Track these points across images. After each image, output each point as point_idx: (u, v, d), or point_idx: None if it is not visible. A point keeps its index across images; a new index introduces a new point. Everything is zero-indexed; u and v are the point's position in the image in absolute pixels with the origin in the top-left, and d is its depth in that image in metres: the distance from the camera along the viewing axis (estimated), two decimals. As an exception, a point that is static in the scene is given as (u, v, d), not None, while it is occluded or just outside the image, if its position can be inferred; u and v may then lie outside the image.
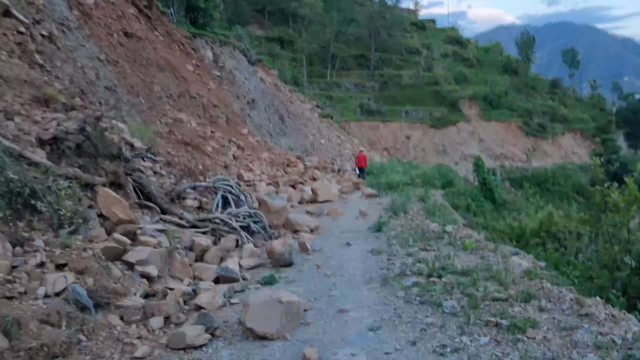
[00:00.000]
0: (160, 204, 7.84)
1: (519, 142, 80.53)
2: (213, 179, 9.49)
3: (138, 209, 7.52)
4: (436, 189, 20.62)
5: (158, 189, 8.04)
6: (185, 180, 9.97)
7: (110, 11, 20.35)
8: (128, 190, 7.44)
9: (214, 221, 8.11)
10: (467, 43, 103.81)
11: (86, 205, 6.58)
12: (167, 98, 21.00)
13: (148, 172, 8.71)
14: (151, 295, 5.57)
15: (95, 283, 5.07)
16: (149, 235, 6.47)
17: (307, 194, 16.58)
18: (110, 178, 7.20)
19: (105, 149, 7.27)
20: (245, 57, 47.55)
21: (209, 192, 9.29)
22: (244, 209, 8.75)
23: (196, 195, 8.97)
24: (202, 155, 17.40)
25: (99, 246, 5.85)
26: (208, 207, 8.82)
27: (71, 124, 7.05)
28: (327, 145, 49.16)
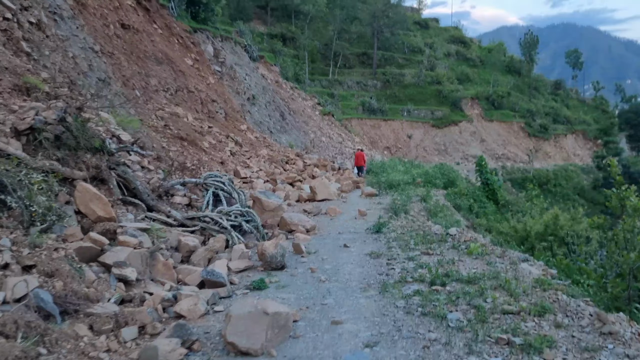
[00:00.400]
0: (146, 200, 7.35)
1: (521, 143, 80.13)
2: (204, 175, 8.99)
3: (122, 206, 7.04)
4: (438, 189, 20.15)
5: (144, 184, 7.55)
6: (176, 176, 9.48)
7: (106, 2, 19.87)
8: (111, 185, 6.95)
9: (203, 220, 7.61)
10: (470, 43, 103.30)
11: (63, 202, 6.09)
12: (164, 92, 20.51)
13: (135, 166, 8.22)
14: (127, 301, 5.07)
15: (64, 287, 4.57)
16: (129, 235, 5.98)
17: (306, 192, 16.10)
18: (92, 172, 6.71)
19: (87, 141, 6.78)
20: (246, 53, 47.16)
21: (199, 188, 8.80)
22: (236, 207, 8.25)
23: (186, 192, 8.47)
24: (197, 150, 16.93)
25: (73, 246, 5.37)
26: (198, 205, 8.33)
27: (50, 113, 6.56)
28: (328, 143, 48.75)
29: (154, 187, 7.81)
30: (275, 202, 9.71)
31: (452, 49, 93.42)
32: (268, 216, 9.57)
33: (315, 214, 12.08)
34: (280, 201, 9.98)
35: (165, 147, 16.10)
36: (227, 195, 8.59)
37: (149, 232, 6.42)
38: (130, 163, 8.16)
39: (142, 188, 7.35)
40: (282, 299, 5.61)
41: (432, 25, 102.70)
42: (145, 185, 7.57)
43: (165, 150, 15.98)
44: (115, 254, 5.52)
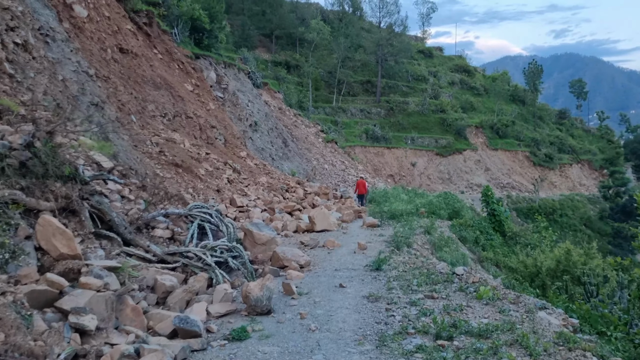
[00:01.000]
0: (123, 234, 6.69)
1: (526, 172, 79.50)
2: (189, 206, 8.32)
3: (95, 240, 6.36)
4: (442, 220, 19.43)
5: (122, 216, 6.89)
6: (163, 206, 8.82)
7: (105, 26, 19.51)
8: (83, 217, 6.29)
9: (185, 255, 6.93)
10: (475, 71, 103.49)
11: (22, 236, 5.43)
12: (161, 117, 20.01)
13: (114, 196, 7.56)
14: (81, 356, 4.36)
15: (5, 341, 3.89)
16: (94, 275, 5.29)
17: (304, 223, 15.41)
18: (61, 203, 6.07)
19: (57, 169, 6.15)
20: (250, 79, 47.09)
21: (183, 220, 8.13)
22: (222, 241, 7.57)
23: (168, 224, 7.81)
24: (193, 177, 16.32)
25: (26, 289, 4.68)
26: (181, 238, 7.65)
27: (17, 138, 5.96)
28: (331, 171, 48.25)
29: (132, 218, 7.15)
30: (267, 235, 9.02)
31: (456, 77, 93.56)
32: (259, 250, 8.89)
33: (312, 247, 11.37)
34: (273, 234, 9.29)
35: (159, 174, 15.51)
36: (214, 227, 7.92)
37: (120, 270, 5.73)
38: (109, 192, 7.51)
39: (118, 220, 6.69)
40: (263, 354, 4.88)
41: (436, 54, 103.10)
42: (123, 217, 6.91)
43: (158, 177, 15.39)
44: (74, 298, 4.82)
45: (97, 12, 19.12)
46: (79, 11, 17.78)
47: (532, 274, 12.99)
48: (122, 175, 8.88)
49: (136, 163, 14.86)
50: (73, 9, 17.52)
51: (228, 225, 8.16)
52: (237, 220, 15.32)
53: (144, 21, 25.12)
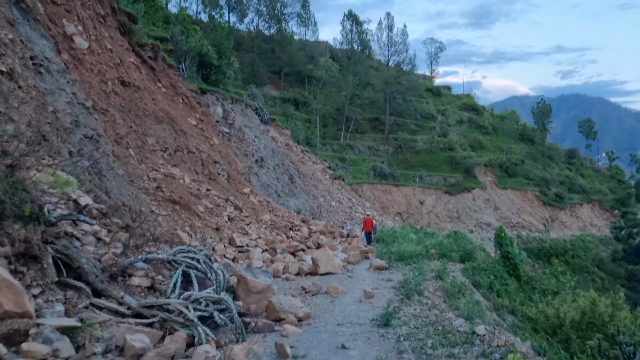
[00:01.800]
0: (93, 283, 5.81)
1: (536, 212, 78.22)
2: (173, 250, 7.41)
3: (58, 291, 5.49)
4: (454, 262, 18.40)
5: (92, 262, 6.02)
6: (148, 249, 7.94)
7: (106, 58, 19.04)
8: (45, 264, 5.43)
9: (165, 308, 6.03)
10: (483, 110, 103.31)
11: (-36, 289, 4.60)
12: (162, 151, 19.33)
13: (88, 238, 6.70)
14: None
15: None
16: (43, 339, 4.39)
17: (307, 265, 14.46)
18: (18, 247, 5.23)
19: (17, 208, 5.33)
20: (258, 115, 46.81)
21: (166, 267, 7.24)
22: (209, 291, 6.65)
23: (149, 272, 6.92)
24: (190, 215, 15.48)
25: (-48, 359, 3.82)
26: (163, 288, 6.75)
27: (-29, 172, 5.16)
28: (338, 208, 47.38)
29: (106, 265, 6.26)
30: (263, 283, 8.10)
31: (464, 116, 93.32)
32: (254, 299, 7.96)
33: (314, 294, 10.39)
34: (269, 281, 8.35)
35: (155, 211, 14.69)
36: (201, 275, 7.03)
37: (79, 330, 4.85)
38: (82, 234, 6.66)
39: (88, 267, 5.82)
40: None
41: (444, 93, 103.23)
42: (94, 264, 6.04)
43: (153, 214, 14.57)
44: (13, 369, 3.94)
45: (98, 44, 18.68)
46: (80, 43, 17.32)
47: (554, 325, 11.91)
48: (102, 214, 8.03)
49: (130, 199, 14.07)
50: (73, 40, 17.06)
51: (218, 272, 7.25)
52: (235, 262, 14.40)
53: (149, 55, 24.76)
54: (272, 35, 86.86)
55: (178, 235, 14.02)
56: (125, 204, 13.63)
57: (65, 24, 16.99)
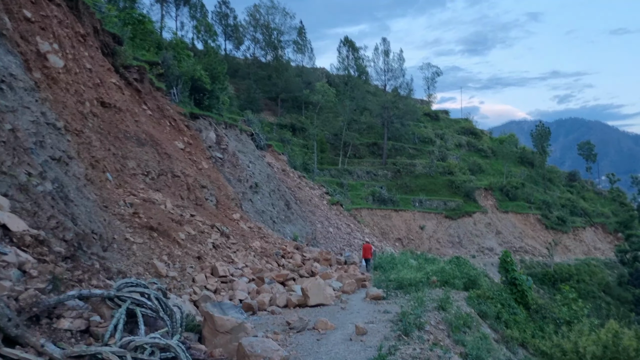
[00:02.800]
0: (5, 328, 4.61)
1: (539, 236, 76.83)
2: (117, 283, 6.12)
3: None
4: (457, 290, 17.07)
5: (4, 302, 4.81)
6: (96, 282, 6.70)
7: (85, 78, 18.02)
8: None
9: (99, 358, 4.80)
10: (482, 134, 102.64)
11: None
12: (143, 175, 18.17)
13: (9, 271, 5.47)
14: None
15: None
16: None
17: (296, 296, 13.17)
18: None
19: None
20: (254, 141, 45.96)
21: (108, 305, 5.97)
22: (155, 335, 5.40)
23: (84, 312, 5.66)
24: (169, 242, 14.24)
25: None
26: (101, 332, 5.50)
27: None
28: (336, 234, 46.09)
29: (25, 304, 5.03)
30: (233, 321, 6.84)
31: (462, 140, 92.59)
32: (222, 341, 6.70)
33: (299, 330, 9.11)
34: (241, 318, 7.07)
35: (129, 239, 13.48)
36: (152, 314, 5.80)
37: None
38: (4, 266, 5.47)
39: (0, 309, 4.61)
40: None
41: (442, 117, 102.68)
42: (9, 303, 4.83)
43: (127, 242, 13.35)
44: None
45: (76, 64, 17.68)
46: (54, 61, 16.32)
47: (572, 361, 10.60)
48: (39, 242, 6.81)
49: (101, 226, 12.86)
50: (47, 59, 16.06)
51: (173, 309, 6.02)
52: (217, 293, 13.12)
53: (135, 77, 23.83)
54: (269, 62, 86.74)
55: (154, 264, 12.79)
56: (94, 231, 12.43)
57: (39, 42, 16.01)
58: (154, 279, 8.49)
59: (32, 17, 16.09)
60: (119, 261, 12.38)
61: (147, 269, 12.57)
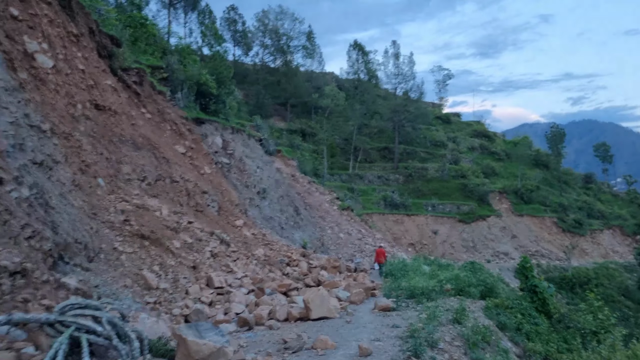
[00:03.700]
0: None
1: (555, 239, 75.05)
2: (60, 306, 5.07)
3: None
4: (473, 299, 15.93)
5: None
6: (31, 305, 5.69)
7: (77, 79, 17.17)
8: None
9: (25, 401, 3.81)
10: (494, 137, 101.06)
11: None
12: (139, 180, 17.25)
13: None
14: None
15: None
16: None
17: (298, 308, 12.12)
18: None
19: None
20: (262, 146, 45.11)
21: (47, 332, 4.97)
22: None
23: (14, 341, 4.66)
24: (162, 251, 13.26)
25: None
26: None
27: None
28: (347, 240, 44.94)
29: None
30: (211, 346, 5.81)
31: (475, 142, 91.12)
32: (197, 369, 5.72)
33: (295, 351, 8.07)
34: (220, 342, 6.01)
35: (118, 248, 12.53)
36: (102, 341, 4.81)
37: None
38: None
39: None
40: None
41: (454, 120, 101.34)
42: None
43: (116, 252, 12.40)
44: None
45: (68, 64, 16.84)
46: (43, 61, 15.47)
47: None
48: None
49: (87, 235, 11.93)
50: (35, 59, 15.21)
51: (131, 335, 5.02)
52: (212, 306, 12.13)
53: (134, 79, 23.01)
54: (278, 68, 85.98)
55: (143, 276, 11.82)
56: (78, 240, 11.49)
57: (27, 41, 15.18)
58: (109, 299, 7.47)
59: (19, 15, 15.27)
60: (105, 272, 11.44)
61: (135, 280, 11.61)
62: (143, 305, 10.80)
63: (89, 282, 9.77)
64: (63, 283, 6.92)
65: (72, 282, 7.39)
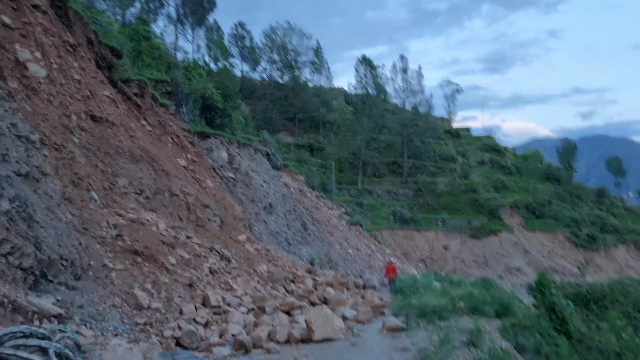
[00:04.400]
0: None
1: (568, 254, 73.39)
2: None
3: None
4: (488, 318, 14.99)
5: None
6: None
7: (72, 90, 16.57)
8: None
9: None
10: (505, 151, 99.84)
11: None
12: (136, 194, 16.55)
13: None
14: None
15: None
16: None
17: (300, 328, 11.25)
18: None
19: None
20: (269, 161, 44.50)
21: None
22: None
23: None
24: (156, 268, 12.47)
25: None
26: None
27: None
28: (356, 256, 43.96)
29: None
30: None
31: (485, 157, 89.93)
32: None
33: (291, 379, 7.23)
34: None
35: (108, 265, 11.76)
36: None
37: None
38: None
39: None
40: None
41: (463, 134, 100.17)
42: None
43: (106, 269, 11.63)
44: None
45: (62, 74, 16.26)
46: (35, 70, 14.90)
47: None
48: None
49: (75, 251, 11.17)
50: (27, 68, 14.65)
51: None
52: (207, 327, 11.29)
53: (134, 91, 22.45)
54: (286, 83, 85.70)
55: (134, 294, 11.03)
56: (64, 257, 10.73)
57: (18, 49, 14.63)
58: (61, 325, 6.70)
59: (11, 23, 14.74)
60: (93, 291, 10.66)
61: (125, 299, 10.83)
62: (132, 327, 10.00)
63: (68, 302, 8.99)
64: (20, 305, 6.14)
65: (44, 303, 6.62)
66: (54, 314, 7.37)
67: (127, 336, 9.27)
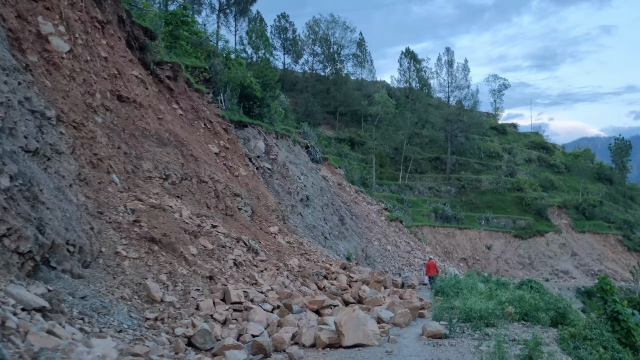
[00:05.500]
0: None
1: (620, 258, 69.75)
2: None
3: None
4: (542, 326, 13.38)
5: None
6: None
7: (98, 67, 15.72)
8: None
9: None
10: (553, 148, 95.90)
11: None
12: (161, 179, 15.58)
13: None
14: None
15: None
16: None
17: (328, 331, 9.96)
18: None
19: None
20: (308, 154, 43.46)
21: None
22: None
23: None
24: (174, 258, 11.39)
25: None
26: None
27: None
28: (394, 252, 42.38)
29: None
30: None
31: (532, 154, 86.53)
32: None
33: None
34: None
35: (121, 252, 10.75)
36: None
37: None
38: None
39: None
40: None
41: (510, 131, 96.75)
42: None
43: (119, 257, 10.63)
44: None
45: (88, 51, 15.42)
46: (58, 44, 14.07)
47: None
48: None
49: (84, 236, 10.19)
50: (49, 42, 13.83)
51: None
52: (225, 325, 10.14)
53: (167, 74, 21.60)
54: (328, 76, 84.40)
55: (146, 286, 9.97)
56: (71, 242, 9.74)
57: (41, 22, 13.81)
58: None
59: (35, -5, 13.98)
60: (101, 281, 9.66)
61: (136, 291, 9.78)
62: (140, 322, 8.94)
63: (61, 293, 7.95)
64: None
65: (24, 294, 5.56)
66: (36, 307, 6.31)
67: (131, 334, 8.19)
